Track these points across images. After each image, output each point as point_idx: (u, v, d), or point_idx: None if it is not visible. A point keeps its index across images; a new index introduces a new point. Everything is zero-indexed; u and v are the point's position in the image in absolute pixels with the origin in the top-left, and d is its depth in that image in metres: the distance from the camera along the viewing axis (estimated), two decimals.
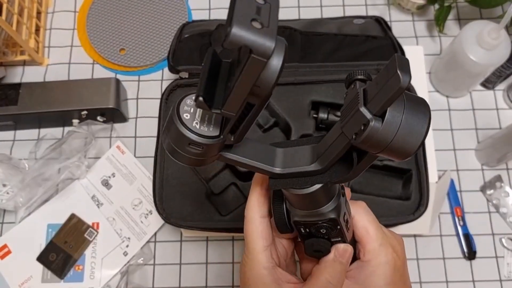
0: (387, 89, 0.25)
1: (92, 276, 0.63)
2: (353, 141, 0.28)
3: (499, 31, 0.59)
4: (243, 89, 0.25)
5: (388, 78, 0.25)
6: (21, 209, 0.65)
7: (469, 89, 0.71)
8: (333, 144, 0.31)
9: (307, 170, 0.33)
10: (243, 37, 0.21)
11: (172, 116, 0.29)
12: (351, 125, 0.28)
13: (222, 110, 0.26)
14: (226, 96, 0.26)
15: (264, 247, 0.36)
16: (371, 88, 0.28)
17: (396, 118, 0.27)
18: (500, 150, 0.64)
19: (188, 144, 0.29)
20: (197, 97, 0.26)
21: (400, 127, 0.27)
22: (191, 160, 0.31)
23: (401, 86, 0.24)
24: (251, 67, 0.23)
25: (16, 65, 0.74)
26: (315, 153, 0.33)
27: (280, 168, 0.33)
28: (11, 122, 0.68)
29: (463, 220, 0.66)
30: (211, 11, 0.78)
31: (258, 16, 0.22)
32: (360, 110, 0.27)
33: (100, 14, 0.76)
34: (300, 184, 0.33)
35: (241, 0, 0.22)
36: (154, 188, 0.60)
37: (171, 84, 0.64)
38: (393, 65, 0.25)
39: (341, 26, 0.69)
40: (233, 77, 0.26)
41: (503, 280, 0.64)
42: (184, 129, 0.29)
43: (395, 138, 0.27)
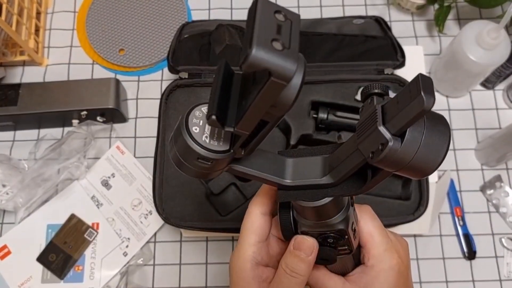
0: (409, 110, 0.24)
1: (92, 276, 0.63)
2: (370, 159, 0.27)
3: (498, 31, 0.59)
4: (259, 110, 0.24)
5: (411, 99, 0.24)
6: (21, 209, 0.65)
7: (468, 89, 0.71)
8: (347, 159, 0.30)
9: (318, 183, 0.32)
10: (264, 60, 0.20)
11: (181, 128, 0.28)
12: (368, 143, 0.27)
13: (235, 128, 0.26)
14: (240, 115, 0.25)
15: (254, 242, 0.36)
16: (390, 107, 0.27)
17: (416, 138, 0.26)
18: (500, 150, 0.64)
19: (196, 158, 0.28)
20: (210, 115, 0.25)
21: (420, 147, 0.26)
22: (198, 173, 0.30)
23: (424, 108, 0.23)
24: (269, 90, 0.22)
25: (16, 65, 0.74)
26: (327, 166, 0.32)
27: (290, 180, 0.33)
28: (10, 122, 0.68)
29: (463, 220, 0.66)
30: (210, 11, 0.78)
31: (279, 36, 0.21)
32: (378, 129, 0.26)
33: (99, 14, 0.76)
34: (310, 197, 0.32)
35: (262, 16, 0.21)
36: (153, 189, 0.60)
37: (171, 84, 0.64)
38: (416, 86, 0.24)
39: (341, 26, 0.69)
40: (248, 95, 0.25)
41: (503, 280, 0.64)
42: (193, 143, 0.28)
43: (414, 158, 0.26)
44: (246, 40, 0.21)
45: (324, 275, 0.38)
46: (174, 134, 0.29)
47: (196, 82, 0.64)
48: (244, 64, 0.20)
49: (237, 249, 0.37)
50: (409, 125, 0.25)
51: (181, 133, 0.28)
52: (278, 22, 0.22)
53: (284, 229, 0.36)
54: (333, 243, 0.35)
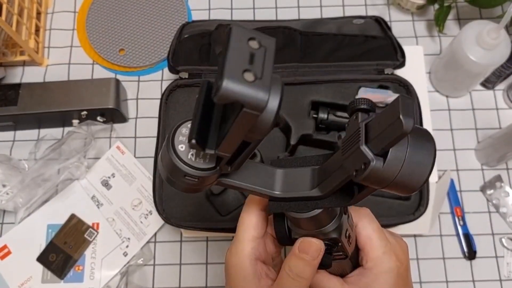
0: (389, 131, 0.25)
1: (92, 276, 0.63)
2: (353, 177, 0.27)
3: (499, 31, 0.59)
4: (237, 136, 0.24)
5: (391, 122, 0.24)
6: (21, 209, 0.65)
7: (469, 89, 0.71)
8: (334, 174, 0.30)
9: (306, 196, 0.32)
10: (234, 92, 0.20)
11: (167, 147, 0.28)
12: (352, 161, 0.28)
13: (216, 151, 0.26)
14: (220, 139, 0.25)
15: (253, 237, 0.36)
16: (373, 125, 0.27)
17: (399, 156, 0.26)
18: (500, 150, 0.64)
19: (183, 176, 0.28)
20: (190, 139, 0.25)
21: (404, 165, 0.26)
22: (187, 188, 0.30)
23: (403, 131, 0.24)
24: (243, 120, 0.22)
25: (16, 65, 0.74)
26: (316, 178, 0.33)
27: (280, 191, 0.33)
28: (10, 122, 0.68)
29: (463, 220, 0.66)
30: (210, 11, 0.78)
31: (251, 66, 0.21)
32: (360, 148, 0.26)
33: (99, 14, 0.76)
34: (300, 208, 0.33)
35: (234, 47, 0.21)
36: (154, 189, 0.60)
37: (171, 84, 0.64)
38: (395, 108, 0.24)
39: (341, 26, 0.69)
40: (227, 119, 0.25)
41: (503, 280, 0.64)
42: (179, 162, 0.28)
43: (398, 176, 0.26)
44: (218, 71, 0.21)
45: (323, 276, 0.38)
46: (161, 151, 0.29)
47: (196, 82, 0.64)
48: (216, 97, 0.20)
49: (234, 246, 0.37)
50: (390, 146, 0.25)
51: (167, 152, 0.28)
52: (251, 51, 0.21)
53: (280, 237, 0.36)
54: (327, 250, 0.35)
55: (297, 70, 0.64)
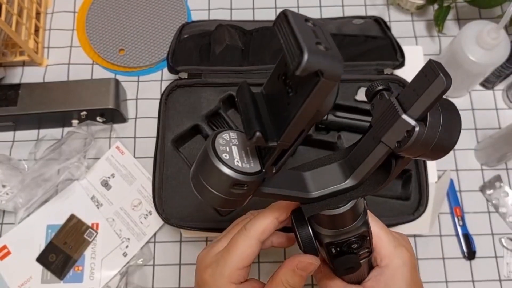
0: (430, 92, 0.26)
1: (92, 276, 0.63)
2: (396, 149, 0.28)
3: (498, 31, 0.59)
4: (307, 115, 0.25)
5: (430, 83, 0.26)
6: (21, 210, 0.65)
7: (468, 89, 0.71)
8: (370, 156, 0.30)
9: (342, 188, 0.32)
10: (316, 63, 0.21)
11: (211, 157, 0.28)
12: (392, 134, 0.28)
13: (279, 141, 0.26)
14: (284, 126, 0.25)
15: (243, 267, 0.36)
16: (406, 95, 0.28)
17: (437, 119, 0.27)
18: (500, 150, 0.64)
19: (232, 185, 0.28)
20: (254, 132, 0.25)
21: (441, 128, 0.27)
22: (226, 201, 0.29)
23: (445, 87, 0.25)
24: (320, 91, 0.23)
25: (16, 65, 0.74)
26: (346, 169, 0.33)
27: (315, 191, 0.33)
28: (10, 122, 0.68)
29: (462, 220, 0.66)
30: (210, 12, 0.78)
31: (319, 39, 0.22)
32: (402, 117, 0.27)
33: (99, 14, 0.76)
34: (336, 203, 0.32)
35: (297, 25, 0.22)
36: (153, 189, 0.60)
37: (171, 84, 0.64)
38: (432, 69, 0.26)
39: (341, 26, 0.69)
40: (287, 106, 0.25)
41: (502, 280, 0.64)
42: (228, 169, 0.27)
43: (437, 139, 0.27)
44: (291, 48, 0.22)
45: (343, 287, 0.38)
46: (199, 164, 0.29)
47: (196, 82, 0.64)
48: (298, 69, 0.21)
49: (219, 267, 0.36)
50: (431, 107, 0.27)
51: (212, 163, 0.28)
52: (312, 28, 0.23)
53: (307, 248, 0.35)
54: (356, 248, 0.35)
55: None
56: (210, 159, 0.28)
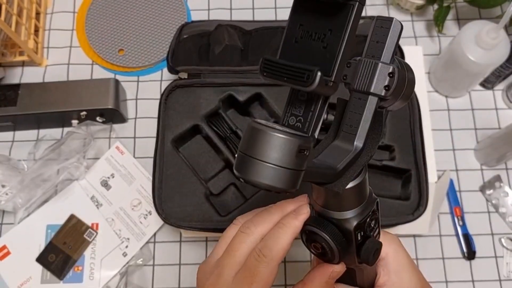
0: (392, 36, 0.31)
1: (92, 277, 0.63)
2: (386, 93, 0.31)
3: (498, 31, 0.59)
4: (351, 42, 0.27)
5: (388, 28, 0.31)
6: (20, 210, 0.65)
7: (468, 89, 0.71)
8: (365, 113, 0.32)
9: (355, 154, 0.33)
10: None
11: (270, 133, 0.27)
12: (378, 81, 0.31)
13: (332, 81, 0.28)
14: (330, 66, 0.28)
15: None
16: (372, 48, 0.31)
17: (401, 60, 0.32)
18: (499, 150, 0.64)
19: (297, 151, 0.27)
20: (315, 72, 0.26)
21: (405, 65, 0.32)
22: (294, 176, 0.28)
23: (402, 26, 0.31)
24: (356, 16, 0.27)
25: (15, 65, 0.74)
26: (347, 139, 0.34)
27: (338, 165, 0.33)
28: (10, 123, 0.68)
29: (462, 220, 0.66)
30: (210, 12, 0.78)
31: None
32: (380, 64, 0.30)
33: (99, 14, 0.76)
34: (356, 170, 0.33)
35: None
36: (153, 189, 0.60)
37: (170, 84, 0.64)
38: (383, 21, 0.31)
39: None
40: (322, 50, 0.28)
41: (502, 280, 0.64)
42: (291, 136, 0.27)
43: (408, 76, 0.31)
44: None
45: None
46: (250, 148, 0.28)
47: (196, 82, 0.64)
48: None
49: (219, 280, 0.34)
50: (396, 48, 0.31)
51: (273, 135, 0.27)
52: None
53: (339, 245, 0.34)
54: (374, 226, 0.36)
55: None
56: (268, 133, 0.27)
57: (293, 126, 0.31)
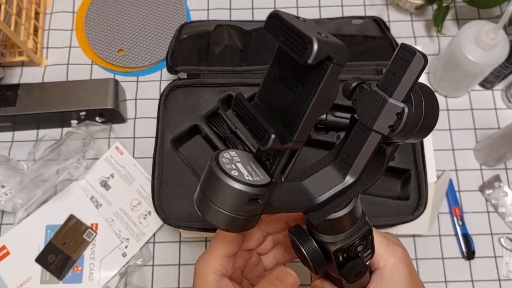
0: (410, 72, 0.27)
1: (91, 277, 0.63)
2: (390, 133, 0.29)
3: (497, 31, 0.59)
4: (319, 106, 0.25)
5: (409, 62, 0.27)
6: (20, 210, 0.65)
7: (467, 89, 0.71)
8: (364, 148, 0.31)
9: (344, 187, 0.32)
10: (326, 49, 0.22)
11: (221, 178, 0.27)
12: (383, 120, 0.29)
13: (293, 141, 0.26)
14: (296, 123, 0.25)
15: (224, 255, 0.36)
16: (387, 81, 0.28)
17: (419, 98, 0.28)
18: (499, 150, 0.64)
19: (248, 201, 0.27)
20: (269, 135, 0.25)
21: (425, 106, 0.28)
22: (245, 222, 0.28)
23: (424, 63, 0.26)
24: (331, 78, 0.24)
25: (15, 66, 0.74)
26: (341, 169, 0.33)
27: (319, 197, 0.32)
28: (9, 123, 0.68)
29: (461, 220, 0.66)
30: (209, 12, 0.78)
31: (317, 29, 0.23)
32: (389, 102, 0.28)
33: (98, 14, 0.76)
34: (341, 204, 0.32)
35: (293, 21, 0.23)
36: (153, 189, 0.60)
37: (170, 84, 0.64)
38: (406, 51, 0.27)
39: (340, 27, 0.69)
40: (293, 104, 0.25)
41: (502, 279, 0.64)
42: (242, 185, 0.27)
43: (423, 117, 0.29)
44: (295, 42, 0.23)
45: None
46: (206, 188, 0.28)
47: (195, 82, 0.64)
48: (311, 58, 0.22)
49: (205, 255, 0.36)
50: (414, 86, 0.28)
51: (224, 182, 0.27)
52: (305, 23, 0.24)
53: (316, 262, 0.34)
54: (361, 250, 0.35)
55: None
56: (220, 178, 0.27)
57: (263, 163, 0.29)
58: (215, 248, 0.36)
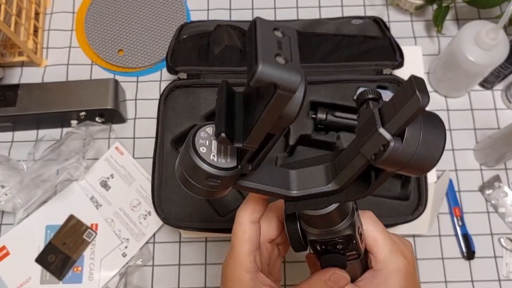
0: (406, 109, 0.25)
1: (91, 277, 0.63)
2: (373, 161, 0.28)
3: (497, 31, 0.59)
4: (267, 123, 0.25)
5: (407, 99, 0.25)
6: (20, 210, 0.65)
7: (467, 89, 0.71)
8: (350, 164, 0.30)
9: (323, 191, 0.32)
10: (270, 75, 0.21)
11: (189, 150, 0.29)
12: (370, 146, 0.28)
13: (244, 144, 0.26)
14: (248, 130, 0.26)
15: (249, 252, 0.36)
16: (387, 109, 0.27)
17: (415, 136, 0.27)
18: (499, 150, 0.64)
19: (206, 177, 0.29)
20: (219, 133, 0.26)
21: (419, 145, 0.27)
22: (206, 192, 0.31)
23: (421, 106, 0.24)
24: (276, 102, 0.23)
25: (15, 66, 0.74)
26: (330, 173, 0.33)
27: (296, 191, 0.33)
28: (9, 123, 0.68)
29: (461, 220, 0.66)
30: (209, 12, 0.78)
31: (280, 51, 0.22)
32: (378, 131, 0.27)
33: (98, 15, 0.76)
34: (316, 205, 0.33)
35: (262, 34, 0.22)
36: (152, 189, 0.60)
37: (170, 84, 0.64)
38: (410, 86, 0.25)
39: (340, 27, 0.69)
40: (254, 110, 0.26)
41: (501, 280, 0.64)
42: (202, 163, 0.29)
43: (414, 156, 0.27)
44: (251, 58, 0.22)
45: None
46: (181, 155, 0.30)
47: (195, 82, 0.64)
48: (252, 81, 0.21)
49: (232, 260, 0.36)
50: (407, 124, 0.26)
51: (189, 154, 0.29)
52: (278, 39, 0.23)
53: (294, 242, 0.36)
54: (342, 249, 0.36)
55: None
56: (188, 152, 0.29)
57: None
58: (238, 248, 0.36)
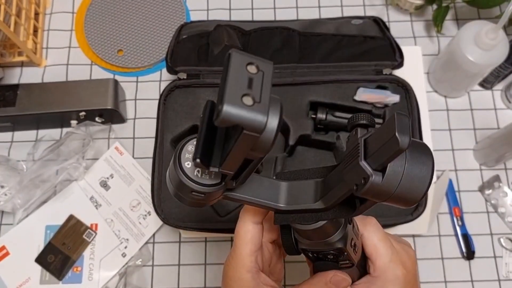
0: (386, 148, 0.25)
1: (91, 277, 0.63)
2: (354, 191, 0.28)
3: (497, 31, 0.59)
4: (239, 155, 0.25)
5: (388, 139, 0.25)
6: (19, 210, 0.65)
7: (467, 89, 0.71)
8: (336, 188, 0.30)
9: (311, 208, 0.33)
10: (234, 116, 0.21)
11: (174, 165, 0.29)
12: (352, 176, 0.28)
13: (220, 169, 0.26)
14: (223, 157, 0.26)
15: (251, 252, 0.36)
16: (372, 141, 0.27)
17: (397, 171, 0.26)
18: (498, 150, 0.64)
19: (190, 192, 0.29)
20: (194, 158, 0.26)
21: (402, 179, 0.26)
22: (194, 203, 0.31)
23: (399, 148, 0.24)
24: (244, 141, 0.23)
25: (14, 66, 0.74)
26: (319, 191, 0.33)
27: (285, 204, 0.33)
28: (9, 123, 0.68)
29: (461, 220, 0.66)
30: (209, 12, 0.78)
31: (249, 91, 0.22)
32: (359, 164, 0.27)
33: (98, 15, 0.76)
34: (304, 220, 0.33)
35: (233, 72, 0.22)
36: (152, 189, 0.60)
37: (169, 85, 0.64)
38: (391, 126, 0.24)
39: (339, 27, 0.69)
40: (230, 139, 0.26)
41: (501, 280, 0.64)
42: (185, 179, 0.29)
43: (397, 190, 0.27)
44: (219, 96, 0.22)
45: None
46: (169, 169, 0.30)
47: (195, 82, 0.64)
48: (217, 121, 0.21)
49: (233, 260, 0.37)
50: (388, 162, 0.26)
51: (174, 169, 0.29)
52: (250, 75, 0.22)
53: (287, 248, 0.37)
54: (333, 259, 0.36)
55: (296, 71, 0.64)
56: (172, 164, 0.29)
57: None
58: (240, 248, 0.36)
